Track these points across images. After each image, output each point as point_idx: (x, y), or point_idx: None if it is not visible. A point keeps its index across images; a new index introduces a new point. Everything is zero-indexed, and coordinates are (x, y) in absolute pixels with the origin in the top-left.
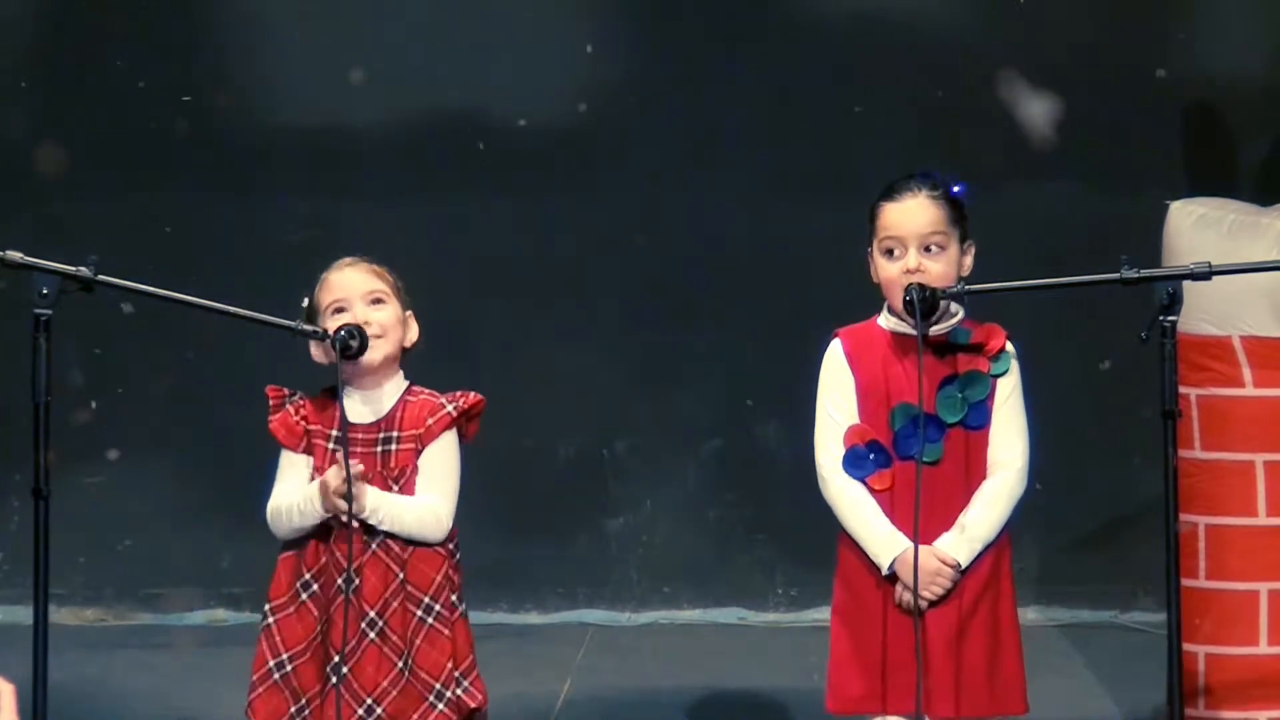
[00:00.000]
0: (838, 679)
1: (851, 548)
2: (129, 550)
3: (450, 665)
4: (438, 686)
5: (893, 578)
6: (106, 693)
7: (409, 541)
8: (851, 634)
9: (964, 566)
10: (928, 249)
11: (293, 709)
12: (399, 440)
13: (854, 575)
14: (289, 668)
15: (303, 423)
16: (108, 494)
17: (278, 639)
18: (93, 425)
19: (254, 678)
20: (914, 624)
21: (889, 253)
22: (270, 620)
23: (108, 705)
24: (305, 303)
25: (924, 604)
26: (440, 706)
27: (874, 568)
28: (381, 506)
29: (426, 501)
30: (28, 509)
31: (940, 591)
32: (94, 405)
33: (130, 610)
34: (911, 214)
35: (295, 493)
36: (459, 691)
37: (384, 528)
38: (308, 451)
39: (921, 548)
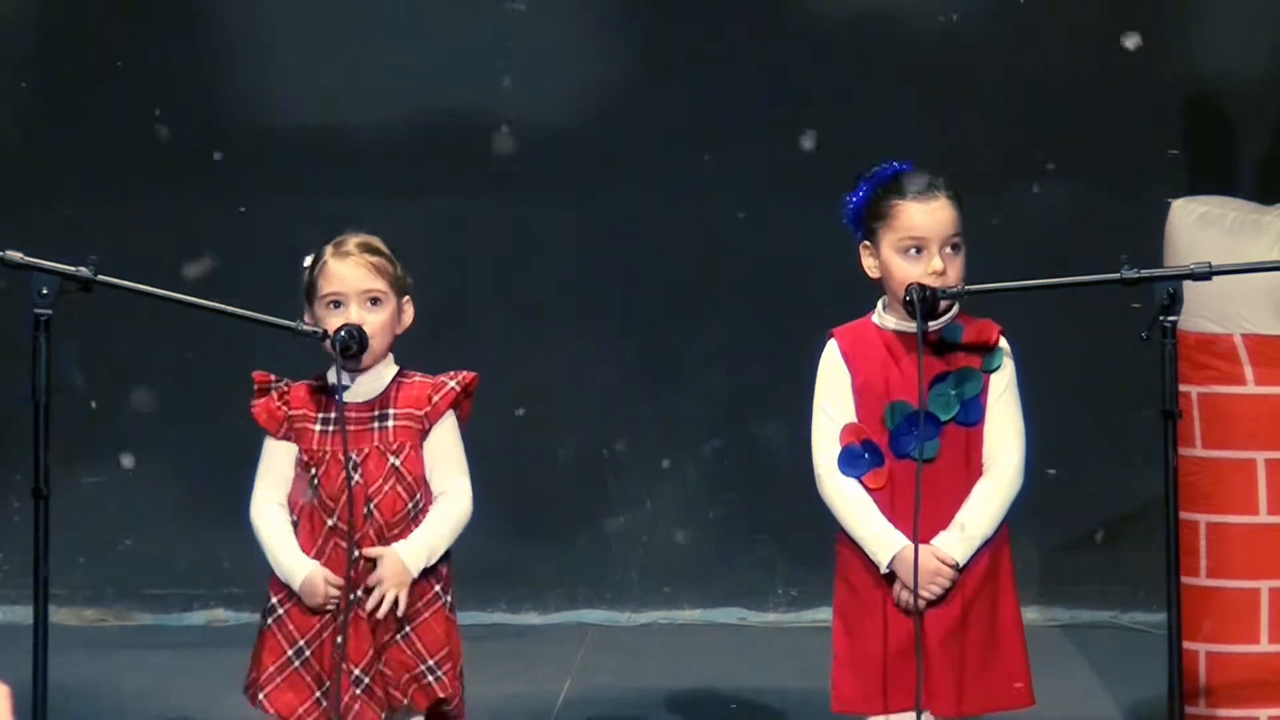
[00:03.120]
0: (841, 680)
1: (850, 547)
2: (129, 550)
3: (448, 649)
4: (430, 663)
5: (891, 576)
6: (106, 693)
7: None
8: (853, 634)
9: (962, 565)
10: (948, 250)
11: (318, 693)
12: (395, 417)
13: (854, 575)
14: (308, 653)
15: (284, 408)
16: (108, 494)
17: (291, 627)
18: (93, 425)
19: (270, 669)
20: (915, 622)
21: (911, 251)
22: (280, 611)
23: (108, 705)
24: (308, 261)
25: (922, 603)
26: (429, 680)
27: (873, 567)
28: (430, 552)
29: (448, 504)
30: (28, 509)
31: (939, 591)
32: (94, 405)
33: (130, 610)
34: (937, 215)
35: (283, 535)
36: (440, 675)
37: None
38: (288, 438)
39: (920, 547)
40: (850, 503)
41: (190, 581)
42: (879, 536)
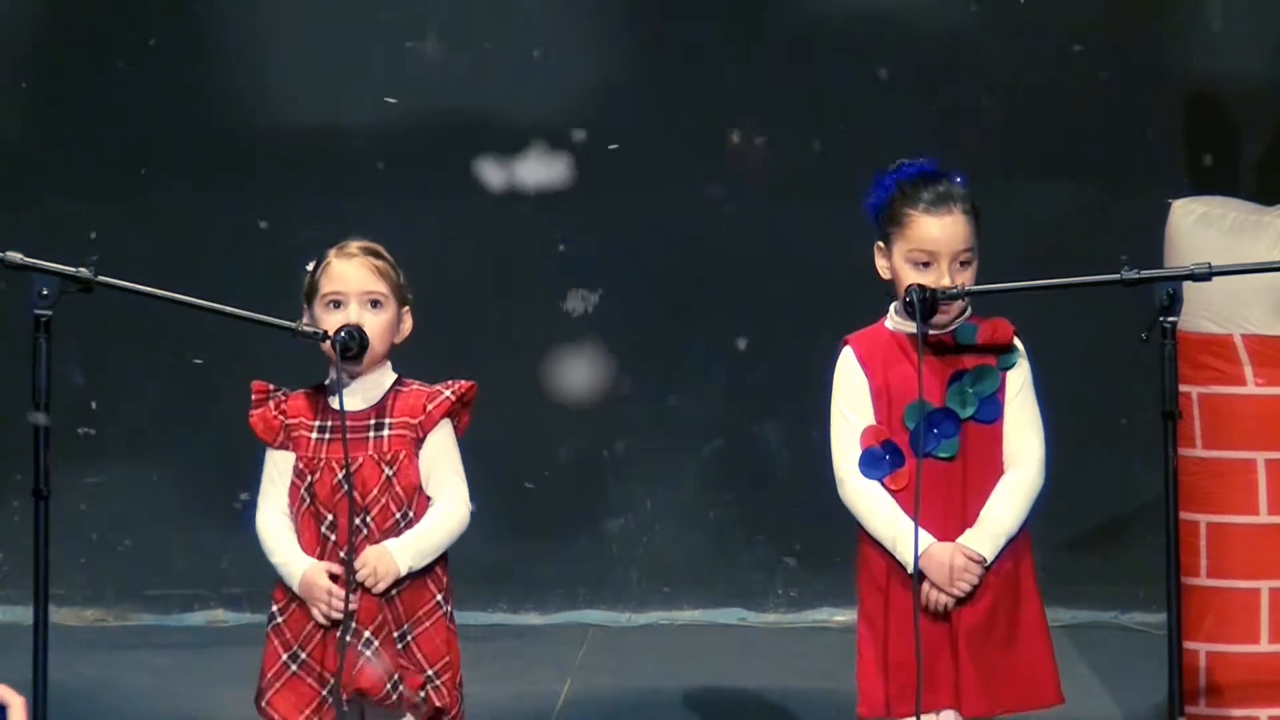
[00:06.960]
0: (868, 683)
1: (874, 550)
2: (129, 550)
3: (447, 658)
4: (430, 672)
5: (919, 575)
6: (106, 693)
7: None
8: (879, 637)
9: (989, 561)
10: (959, 264)
11: (323, 692)
12: (391, 426)
13: (878, 577)
14: (303, 655)
15: (281, 417)
16: (108, 494)
17: (288, 634)
18: (93, 425)
19: (268, 676)
20: (914, 620)
21: (921, 265)
22: (280, 619)
23: (108, 705)
24: (310, 266)
25: (950, 601)
26: (427, 689)
27: (895, 569)
28: (414, 557)
29: (444, 509)
30: (28, 509)
31: (967, 588)
32: (94, 405)
33: (130, 610)
34: (949, 229)
35: (285, 537)
36: (439, 684)
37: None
38: (285, 447)
39: (945, 544)
40: (873, 505)
41: (190, 581)
42: (904, 536)
